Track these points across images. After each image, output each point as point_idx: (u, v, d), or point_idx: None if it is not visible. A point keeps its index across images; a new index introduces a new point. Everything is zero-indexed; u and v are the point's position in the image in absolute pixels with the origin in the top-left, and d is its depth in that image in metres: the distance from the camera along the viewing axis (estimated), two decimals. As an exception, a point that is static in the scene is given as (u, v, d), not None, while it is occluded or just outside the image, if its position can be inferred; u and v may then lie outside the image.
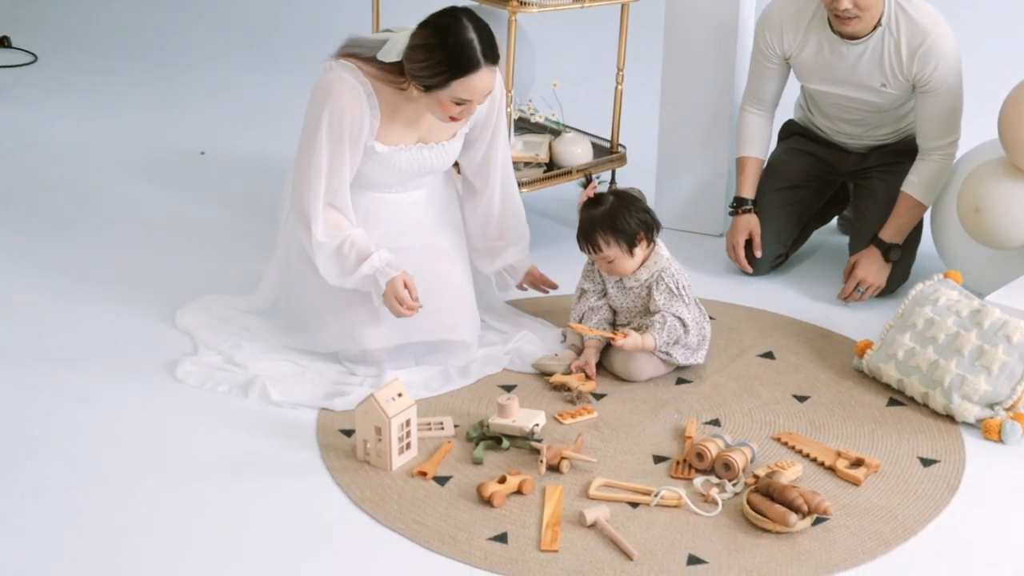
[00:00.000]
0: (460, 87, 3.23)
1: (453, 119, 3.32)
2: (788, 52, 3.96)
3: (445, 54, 3.19)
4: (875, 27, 3.75)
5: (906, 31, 3.74)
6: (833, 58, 3.87)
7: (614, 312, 3.56)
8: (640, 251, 3.42)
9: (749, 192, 4.12)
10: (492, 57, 3.24)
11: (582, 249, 3.45)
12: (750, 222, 4.09)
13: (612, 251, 3.39)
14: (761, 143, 4.15)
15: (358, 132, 3.32)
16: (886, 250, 3.91)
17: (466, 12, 3.25)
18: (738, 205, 4.12)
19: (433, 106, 3.30)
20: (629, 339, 3.36)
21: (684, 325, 3.40)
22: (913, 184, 3.90)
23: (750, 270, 4.09)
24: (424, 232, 3.56)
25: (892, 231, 3.93)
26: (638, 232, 3.40)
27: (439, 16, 3.23)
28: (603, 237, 3.38)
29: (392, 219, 3.51)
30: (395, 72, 3.31)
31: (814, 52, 3.90)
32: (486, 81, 3.25)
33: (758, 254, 4.09)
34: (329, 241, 3.34)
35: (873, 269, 3.92)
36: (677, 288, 3.42)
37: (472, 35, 3.20)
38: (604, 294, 3.54)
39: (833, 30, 3.82)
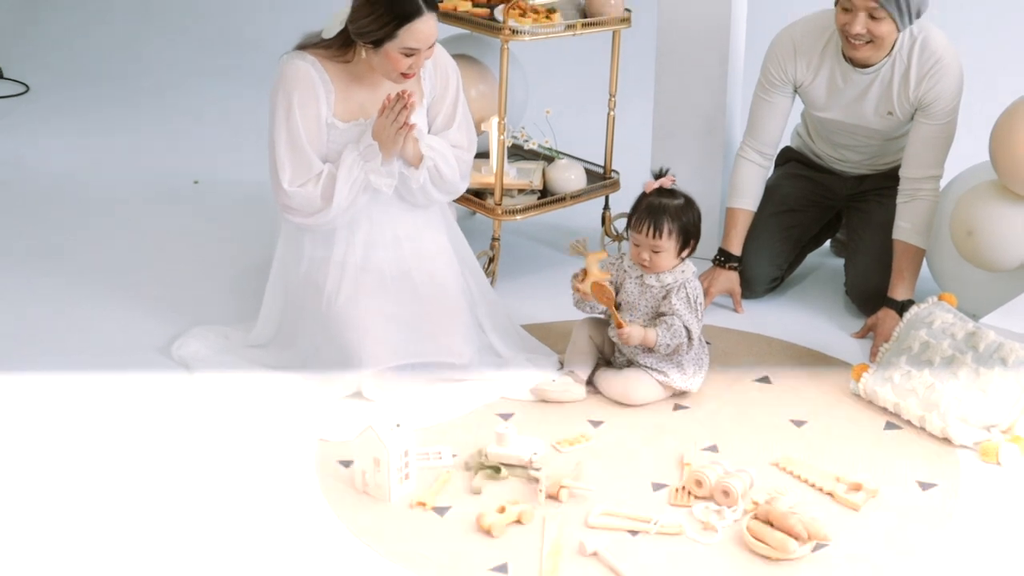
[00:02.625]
0: (407, 35, 3.35)
1: (405, 76, 3.43)
2: (801, 81, 3.92)
3: (389, 4, 3.33)
4: (887, 54, 3.77)
5: (918, 57, 3.75)
6: (845, 86, 3.86)
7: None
8: (681, 256, 3.47)
9: (736, 248, 4.08)
10: (432, 4, 3.39)
11: (635, 228, 3.44)
12: (731, 280, 4.07)
13: (667, 243, 3.42)
14: (755, 195, 4.08)
15: (314, 106, 3.44)
16: (900, 308, 3.80)
17: None
18: (725, 260, 4.08)
19: (383, 65, 3.41)
20: (634, 329, 3.39)
21: (689, 336, 3.43)
22: (907, 231, 3.85)
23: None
24: (415, 250, 3.57)
25: (904, 289, 3.85)
26: (693, 238, 3.45)
27: None
28: (669, 225, 3.41)
29: (375, 216, 3.54)
30: (339, 47, 3.46)
31: (826, 81, 3.88)
32: (430, 27, 3.38)
33: (740, 311, 4.07)
34: (303, 186, 3.46)
35: (894, 327, 3.77)
36: (696, 302, 3.46)
37: None
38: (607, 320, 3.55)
39: (845, 58, 3.82)
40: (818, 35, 3.88)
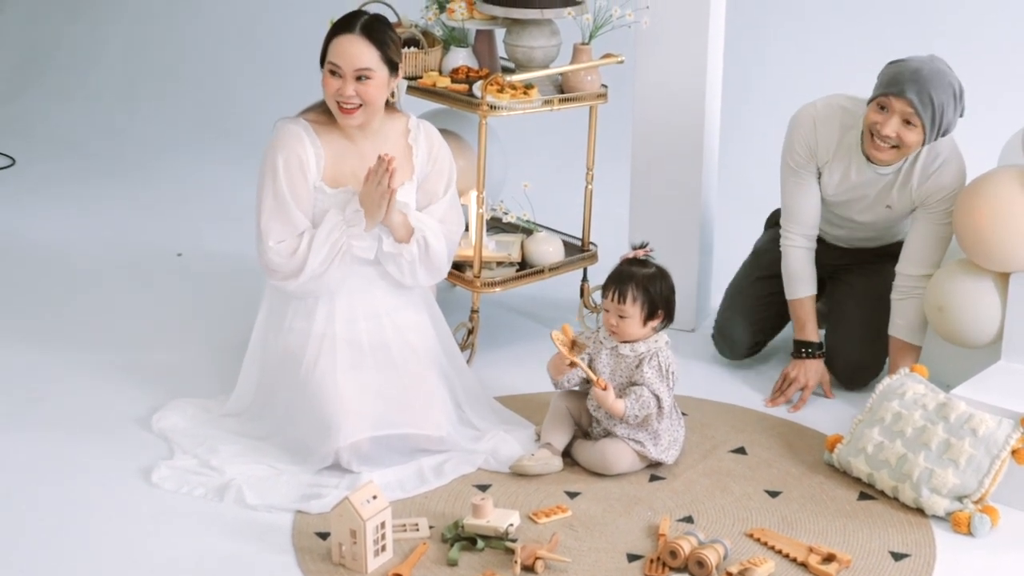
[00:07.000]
0: (332, 49, 3.46)
1: (342, 110, 3.48)
2: (823, 159, 3.87)
3: (332, 26, 3.48)
4: None
5: (925, 155, 3.77)
6: (858, 180, 3.85)
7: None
8: (651, 327, 3.51)
9: (814, 335, 4.01)
10: (370, 33, 3.46)
11: (605, 294, 3.52)
12: (821, 368, 4.00)
13: (632, 309, 3.47)
14: (810, 279, 4.02)
15: (302, 167, 3.50)
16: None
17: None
18: (810, 350, 3.99)
19: (327, 96, 3.50)
20: (609, 391, 3.42)
21: (659, 406, 3.46)
22: (902, 328, 3.88)
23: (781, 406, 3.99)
24: (394, 324, 3.60)
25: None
26: (661, 308, 3.50)
27: None
28: (634, 292, 3.47)
29: (356, 291, 3.57)
30: (327, 108, 3.55)
31: (841, 173, 3.86)
32: (357, 49, 3.44)
33: (830, 397, 4.01)
34: (287, 247, 3.51)
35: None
36: (667, 371, 3.49)
37: (361, 13, 3.50)
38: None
39: (864, 154, 3.79)
40: (836, 126, 3.85)
